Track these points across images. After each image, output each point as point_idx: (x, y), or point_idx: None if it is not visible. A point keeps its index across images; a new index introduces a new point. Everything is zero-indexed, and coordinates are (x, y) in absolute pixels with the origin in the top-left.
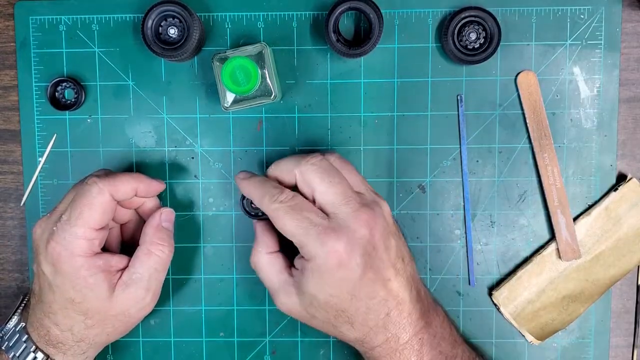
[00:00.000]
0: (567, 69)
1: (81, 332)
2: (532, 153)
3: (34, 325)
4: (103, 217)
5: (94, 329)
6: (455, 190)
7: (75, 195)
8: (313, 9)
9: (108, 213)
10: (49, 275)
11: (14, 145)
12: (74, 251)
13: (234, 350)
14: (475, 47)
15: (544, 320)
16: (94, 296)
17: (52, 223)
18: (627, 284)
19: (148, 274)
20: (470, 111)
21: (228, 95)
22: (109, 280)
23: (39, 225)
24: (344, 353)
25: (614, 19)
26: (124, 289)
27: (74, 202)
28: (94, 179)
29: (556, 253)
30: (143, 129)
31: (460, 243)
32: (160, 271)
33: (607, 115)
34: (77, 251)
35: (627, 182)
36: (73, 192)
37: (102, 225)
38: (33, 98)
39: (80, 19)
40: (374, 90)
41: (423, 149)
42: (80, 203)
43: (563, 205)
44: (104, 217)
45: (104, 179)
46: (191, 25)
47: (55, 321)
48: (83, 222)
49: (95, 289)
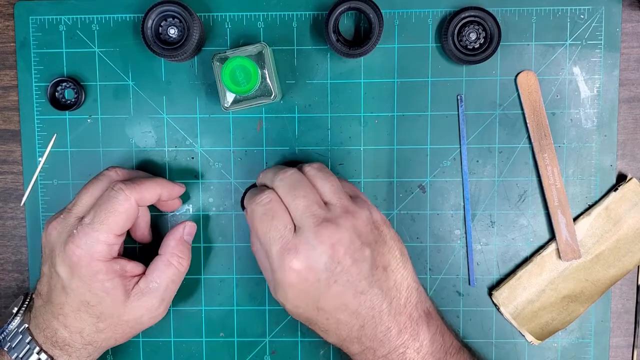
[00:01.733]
0: (567, 69)
1: (91, 336)
2: (532, 153)
3: (39, 326)
4: (126, 223)
5: (104, 333)
6: (455, 190)
7: (99, 200)
8: (313, 9)
9: (131, 219)
10: (65, 277)
11: (14, 145)
12: (94, 255)
13: (234, 351)
14: (475, 47)
15: (544, 320)
16: (109, 300)
17: (70, 225)
18: (627, 284)
19: (165, 284)
20: (470, 111)
21: (228, 95)
22: (125, 286)
23: (54, 227)
24: (344, 353)
25: (614, 19)
26: (139, 296)
27: (99, 206)
28: (120, 185)
29: (556, 253)
30: (143, 129)
31: (460, 243)
32: (176, 283)
33: (607, 115)
34: (97, 255)
35: (627, 182)
36: (89, 192)
37: (124, 231)
38: (33, 98)
39: (80, 19)
40: (374, 90)
41: (423, 149)
42: (104, 209)
43: (563, 205)
44: (127, 223)
45: (130, 187)
46: (191, 25)
47: (65, 323)
48: (106, 227)
49: (111, 293)
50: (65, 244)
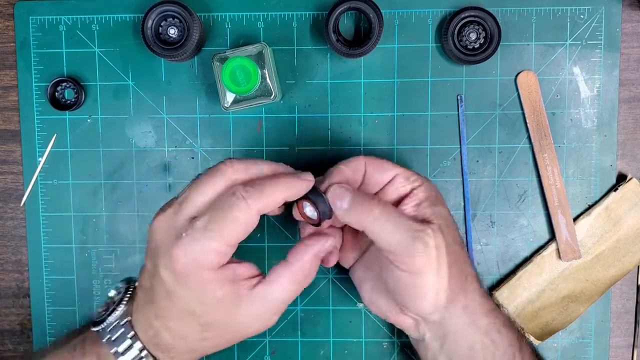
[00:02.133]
0: (567, 69)
1: (195, 343)
2: (532, 153)
3: (141, 324)
4: (243, 234)
5: (209, 342)
6: (455, 190)
7: (216, 203)
8: (313, 9)
9: (249, 230)
10: (169, 283)
11: (14, 145)
12: (203, 264)
13: (234, 350)
14: (475, 47)
15: (544, 320)
16: (219, 309)
17: (178, 225)
18: (627, 284)
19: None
20: (470, 111)
21: (228, 95)
22: (236, 292)
23: (161, 221)
24: (343, 353)
25: (614, 19)
26: (252, 302)
27: (215, 210)
28: (242, 192)
29: (556, 253)
30: (143, 129)
31: None
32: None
33: (607, 115)
34: (207, 265)
35: (627, 182)
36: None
37: (239, 241)
38: (33, 98)
39: (80, 19)
40: (374, 90)
41: (423, 149)
42: (222, 216)
43: (563, 205)
44: (244, 234)
45: (253, 195)
46: (191, 25)
47: (168, 326)
48: (221, 236)
49: (222, 301)
50: (171, 247)
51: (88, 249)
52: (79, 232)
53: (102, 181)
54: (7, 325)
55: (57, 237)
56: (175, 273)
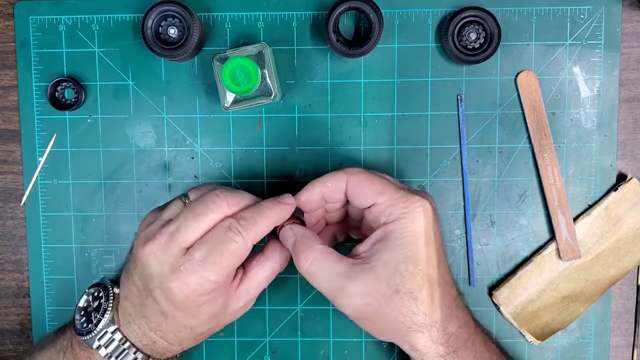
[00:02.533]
0: (567, 69)
1: (190, 344)
2: (532, 153)
3: (134, 333)
4: (238, 264)
5: (202, 337)
6: (455, 190)
7: (211, 236)
8: (313, 9)
9: (242, 260)
10: (166, 308)
11: (14, 145)
12: (200, 292)
13: (234, 350)
14: (475, 47)
15: (544, 320)
16: (213, 318)
17: (173, 256)
18: (627, 284)
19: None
20: (470, 111)
21: (228, 95)
22: (227, 299)
23: (154, 253)
24: (343, 353)
25: (614, 19)
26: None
27: (212, 244)
28: (238, 227)
29: (556, 253)
30: (143, 129)
31: (460, 243)
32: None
33: (607, 115)
34: (205, 292)
35: (627, 182)
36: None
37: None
38: (33, 98)
39: (80, 19)
40: (374, 90)
41: (423, 149)
42: (220, 250)
43: (563, 205)
44: (238, 264)
45: (247, 230)
46: (191, 25)
47: (164, 337)
48: (218, 268)
49: (215, 312)
50: (170, 280)
51: (88, 248)
52: (79, 232)
53: (102, 181)
54: (7, 325)
55: (57, 237)
56: (175, 302)
